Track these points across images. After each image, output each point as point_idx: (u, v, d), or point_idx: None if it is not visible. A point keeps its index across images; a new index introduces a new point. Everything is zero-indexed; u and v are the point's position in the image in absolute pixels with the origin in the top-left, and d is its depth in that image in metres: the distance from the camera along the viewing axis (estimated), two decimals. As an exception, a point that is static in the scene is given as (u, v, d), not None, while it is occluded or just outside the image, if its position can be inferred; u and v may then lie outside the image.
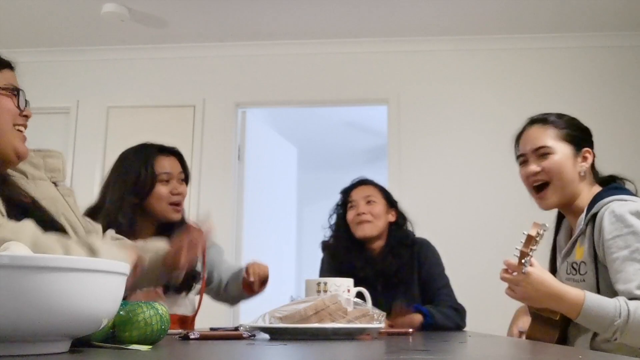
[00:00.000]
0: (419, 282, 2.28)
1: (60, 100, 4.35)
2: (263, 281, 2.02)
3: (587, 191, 1.65)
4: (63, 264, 0.68)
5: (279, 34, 4.20)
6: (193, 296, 2.08)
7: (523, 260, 1.45)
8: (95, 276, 0.71)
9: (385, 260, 2.25)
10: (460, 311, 2.22)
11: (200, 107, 4.34)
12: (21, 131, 1.30)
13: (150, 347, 0.87)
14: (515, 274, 1.48)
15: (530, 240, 1.44)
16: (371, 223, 2.25)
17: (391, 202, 2.34)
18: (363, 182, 2.38)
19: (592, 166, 1.68)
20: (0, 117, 1.25)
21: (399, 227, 2.33)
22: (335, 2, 3.78)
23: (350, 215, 2.29)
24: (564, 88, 4.03)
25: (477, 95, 4.17)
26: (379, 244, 2.29)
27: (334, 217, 2.39)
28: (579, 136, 1.67)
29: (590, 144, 1.68)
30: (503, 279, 1.52)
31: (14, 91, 1.28)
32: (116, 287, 0.75)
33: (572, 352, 0.91)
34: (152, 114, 4.37)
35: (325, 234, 2.43)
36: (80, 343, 0.83)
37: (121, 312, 0.88)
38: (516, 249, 1.46)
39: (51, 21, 4.06)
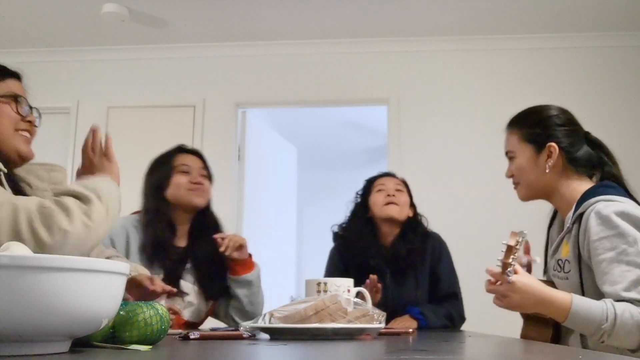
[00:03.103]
0: (430, 276, 2.33)
1: (60, 100, 4.36)
2: (239, 247, 2.03)
3: (568, 185, 1.63)
4: (63, 264, 0.68)
5: (279, 34, 4.20)
6: (201, 305, 2.08)
7: (507, 271, 1.45)
8: (95, 276, 0.71)
9: (395, 246, 2.32)
10: (453, 319, 2.26)
11: (200, 107, 4.35)
12: (25, 135, 1.39)
13: (150, 347, 0.87)
14: (499, 283, 1.48)
15: (510, 250, 1.44)
16: (399, 207, 2.33)
17: (412, 200, 2.42)
18: (393, 175, 2.48)
19: (571, 158, 1.64)
20: (0, 122, 1.34)
21: (414, 220, 2.40)
22: (335, 2, 3.78)
23: (378, 197, 2.35)
24: (564, 88, 4.03)
25: (477, 95, 4.18)
26: (393, 232, 2.35)
27: (353, 203, 2.44)
28: (540, 133, 1.66)
29: (560, 137, 1.65)
30: (489, 290, 1.52)
31: (13, 98, 1.36)
32: (116, 287, 0.75)
33: (572, 352, 0.91)
34: (152, 114, 4.37)
35: (334, 228, 2.46)
36: (80, 343, 0.83)
37: (121, 312, 0.88)
38: (498, 259, 1.46)
39: (51, 21, 4.06)
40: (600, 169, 1.65)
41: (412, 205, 2.41)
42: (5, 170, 1.33)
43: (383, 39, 4.23)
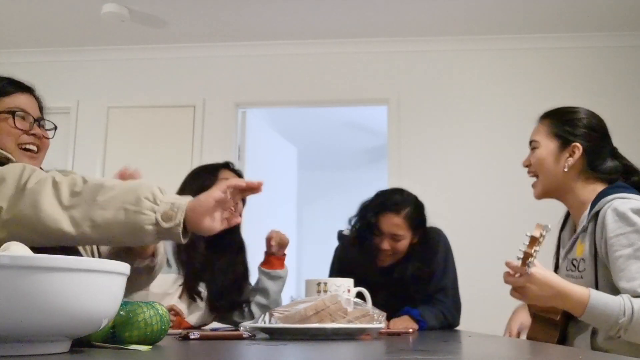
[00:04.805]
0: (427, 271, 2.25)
1: (60, 100, 4.35)
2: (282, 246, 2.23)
3: (584, 188, 1.64)
4: (63, 264, 0.68)
5: (279, 34, 4.20)
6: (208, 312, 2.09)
7: (527, 261, 1.45)
8: (95, 276, 0.71)
9: (404, 275, 2.20)
10: (446, 317, 2.19)
11: (200, 107, 4.35)
12: (29, 150, 1.37)
13: (150, 347, 0.87)
14: (518, 275, 1.48)
15: (533, 241, 1.45)
16: (393, 256, 2.20)
17: (416, 228, 2.22)
18: (396, 211, 2.17)
19: (592, 163, 1.64)
20: (1, 140, 1.33)
21: (420, 244, 2.24)
22: (335, 2, 3.78)
23: (375, 241, 2.20)
24: (564, 88, 4.03)
25: (477, 96, 4.18)
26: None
27: (360, 223, 2.25)
28: (569, 131, 1.66)
29: (587, 140, 1.64)
30: (507, 282, 1.52)
31: (11, 113, 1.35)
32: (116, 287, 0.75)
33: (572, 353, 0.91)
34: (152, 114, 4.37)
35: (341, 229, 2.37)
36: (80, 343, 0.83)
37: (121, 312, 0.88)
38: (519, 250, 1.47)
39: (51, 21, 4.06)
40: (627, 178, 1.64)
41: (421, 228, 2.24)
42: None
43: (383, 39, 4.23)
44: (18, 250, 0.75)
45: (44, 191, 1.10)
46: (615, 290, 1.48)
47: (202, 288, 2.06)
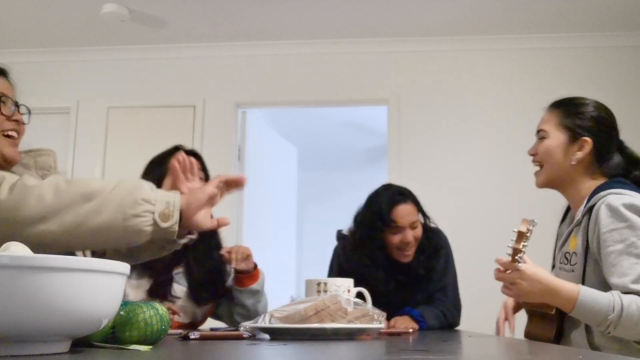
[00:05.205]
0: (427, 272, 2.27)
1: (60, 100, 4.35)
2: (245, 258, 2.01)
3: (587, 182, 1.64)
4: (63, 264, 0.68)
5: (279, 34, 4.20)
6: (194, 309, 2.06)
7: (517, 257, 1.46)
8: (95, 276, 0.71)
9: (412, 267, 2.22)
10: (446, 317, 2.20)
11: (200, 107, 4.35)
12: (11, 136, 1.32)
13: (150, 347, 0.87)
14: (508, 272, 1.49)
15: (521, 236, 1.46)
16: (414, 247, 2.22)
17: (420, 212, 2.26)
18: (405, 200, 2.21)
19: (600, 158, 1.64)
20: None
21: (424, 233, 2.26)
22: (335, 2, 3.78)
23: (395, 239, 2.18)
24: (564, 88, 3.99)
25: (477, 95, 4.18)
26: None
27: (368, 227, 2.22)
28: (579, 124, 1.65)
29: (596, 135, 1.64)
30: (498, 278, 1.53)
31: None
32: (116, 287, 0.75)
33: (572, 353, 0.91)
34: (152, 114, 4.37)
35: (341, 230, 2.36)
36: (80, 343, 0.83)
37: (121, 312, 0.88)
38: (508, 246, 1.48)
39: (51, 21, 4.06)
40: (629, 172, 1.64)
41: (422, 210, 2.27)
42: None
43: (383, 39, 4.23)
44: (18, 250, 0.75)
45: (27, 199, 1.04)
46: (604, 286, 1.48)
47: (183, 284, 2.02)
